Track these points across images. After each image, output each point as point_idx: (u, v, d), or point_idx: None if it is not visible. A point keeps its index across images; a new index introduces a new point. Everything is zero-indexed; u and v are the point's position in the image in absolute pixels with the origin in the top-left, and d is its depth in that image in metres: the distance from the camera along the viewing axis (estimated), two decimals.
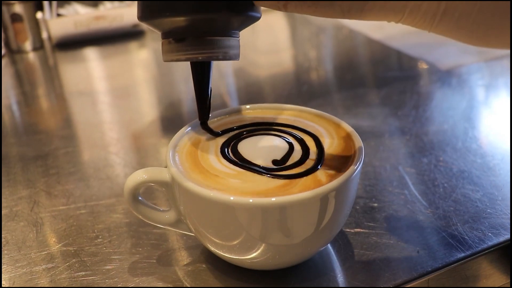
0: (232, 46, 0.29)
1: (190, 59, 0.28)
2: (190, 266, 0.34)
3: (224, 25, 0.28)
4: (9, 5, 0.81)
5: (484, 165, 0.44)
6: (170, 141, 0.32)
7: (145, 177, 0.31)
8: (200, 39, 0.28)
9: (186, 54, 0.28)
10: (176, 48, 0.28)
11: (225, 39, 0.28)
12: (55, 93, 0.72)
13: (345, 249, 0.34)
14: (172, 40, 0.28)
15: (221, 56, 0.28)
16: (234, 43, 0.29)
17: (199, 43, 0.28)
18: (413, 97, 0.59)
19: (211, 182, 0.28)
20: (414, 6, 0.23)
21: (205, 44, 0.28)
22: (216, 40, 0.28)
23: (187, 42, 0.28)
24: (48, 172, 0.47)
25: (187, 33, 0.28)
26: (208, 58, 0.28)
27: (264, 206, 0.26)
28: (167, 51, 0.29)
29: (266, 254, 0.29)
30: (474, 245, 0.34)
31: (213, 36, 0.28)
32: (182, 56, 0.28)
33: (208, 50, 0.28)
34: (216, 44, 0.28)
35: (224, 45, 0.28)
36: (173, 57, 0.29)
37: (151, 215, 0.33)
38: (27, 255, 0.35)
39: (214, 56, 0.28)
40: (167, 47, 0.29)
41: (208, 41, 0.28)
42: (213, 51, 0.28)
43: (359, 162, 0.29)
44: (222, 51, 0.28)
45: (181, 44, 0.28)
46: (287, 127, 0.34)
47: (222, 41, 0.28)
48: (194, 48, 0.28)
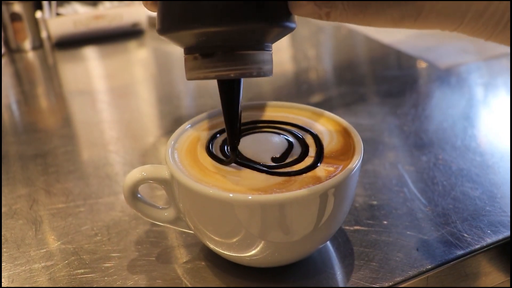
0: (266, 61, 0.25)
1: (221, 76, 0.25)
2: (189, 263, 0.34)
3: (258, 38, 0.25)
4: (9, 4, 0.81)
5: (483, 163, 0.44)
6: (169, 139, 0.32)
7: (144, 175, 0.31)
8: (231, 54, 0.24)
9: (216, 71, 0.25)
10: (204, 64, 0.25)
11: (259, 53, 0.25)
12: (55, 92, 0.72)
13: (345, 247, 0.34)
14: (198, 55, 0.25)
15: (255, 72, 0.25)
16: (268, 58, 0.26)
17: (231, 58, 0.24)
18: (412, 96, 0.59)
19: (210, 179, 0.28)
20: (476, 14, 0.21)
21: (237, 59, 0.24)
22: (249, 54, 0.24)
23: (217, 58, 0.24)
24: (47, 170, 0.47)
25: (217, 47, 0.24)
26: (241, 75, 0.25)
27: (263, 203, 0.26)
28: (193, 68, 0.26)
29: (265, 251, 0.29)
30: (473, 243, 0.34)
31: (246, 50, 0.24)
32: (210, 74, 0.25)
33: (241, 66, 0.24)
34: (249, 59, 0.25)
35: (258, 60, 0.25)
36: (199, 75, 0.25)
37: (150, 213, 0.33)
38: (26, 253, 0.35)
39: (248, 73, 0.25)
40: (192, 63, 0.25)
41: (241, 56, 0.24)
42: (246, 67, 0.25)
43: (358, 159, 0.29)
44: (256, 66, 0.25)
45: (209, 60, 0.25)
46: (286, 125, 0.34)
47: (256, 56, 0.25)
48: (225, 64, 0.24)
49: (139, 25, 0.90)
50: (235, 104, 0.27)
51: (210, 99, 0.65)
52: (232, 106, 0.27)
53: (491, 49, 0.73)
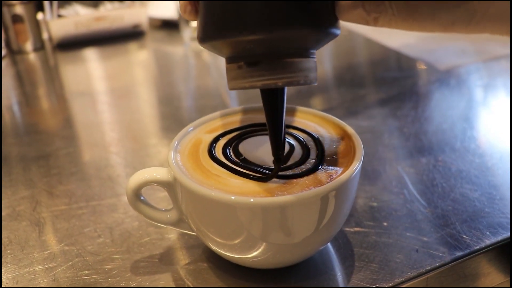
0: (311, 68, 0.25)
1: (268, 85, 0.24)
2: (192, 265, 0.34)
3: (304, 44, 0.24)
4: (10, 6, 0.81)
5: (482, 164, 0.44)
6: (172, 141, 0.32)
7: (147, 177, 0.31)
8: (278, 62, 0.24)
9: (262, 80, 0.24)
10: (249, 73, 0.24)
11: (305, 60, 0.24)
12: (56, 93, 0.72)
13: (345, 248, 0.35)
14: (243, 64, 0.24)
15: (302, 80, 0.24)
16: (313, 65, 0.25)
17: (277, 66, 0.24)
18: (412, 97, 0.60)
19: (213, 182, 0.29)
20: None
21: (284, 67, 0.24)
22: (296, 62, 0.24)
23: (263, 66, 0.24)
24: (49, 172, 0.47)
25: (262, 55, 0.24)
26: (288, 83, 0.24)
27: (264, 206, 0.27)
28: (236, 77, 0.25)
29: (266, 253, 0.30)
30: (472, 244, 0.35)
31: (292, 58, 0.24)
32: (257, 83, 0.24)
33: (288, 74, 0.24)
34: (296, 66, 0.24)
35: (304, 68, 0.24)
36: (245, 84, 0.24)
37: (153, 215, 0.33)
38: (30, 255, 0.36)
39: (295, 81, 0.24)
40: (236, 72, 0.25)
41: (287, 63, 0.24)
42: (293, 75, 0.24)
43: (359, 162, 0.29)
44: (302, 74, 0.24)
45: (255, 69, 0.24)
46: (288, 128, 0.34)
47: (302, 63, 0.24)
48: (272, 73, 0.24)
49: (140, 26, 0.90)
50: (280, 114, 0.27)
51: (211, 100, 0.65)
52: (277, 116, 0.27)
53: (490, 51, 0.73)
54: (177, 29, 0.88)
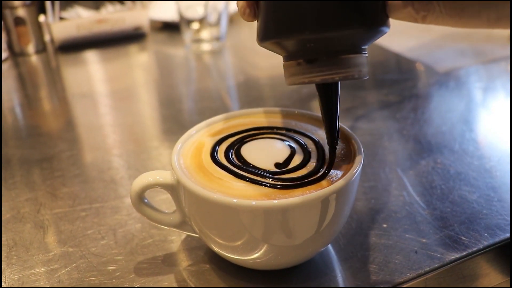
0: (364, 63, 0.27)
1: (326, 80, 0.26)
2: (194, 266, 0.35)
3: (358, 42, 0.26)
4: (12, 8, 0.82)
5: (481, 167, 0.45)
6: (175, 145, 0.33)
7: (151, 180, 0.32)
8: (335, 58, 0.26)
9: (321, 75, 0.26)
10: (309, 69, 0.26)
11: (358, 56, 0.26)
12: (58, 95, 0.73)
13: (345, 250, 0.35)
14: (302, 61, 0.26)
15: (356, 74, 0.26)
16: (365, 60, 0.27)
17: (334, 62, 0.26)
18: (411, 99, 0.60)
19: (215, 185, 0.29)
20: None
21: (340, 63, 0.26)
22: (351, 58, 0.26)
23: (321, 62, 0.26)
24: (53, 174, 0.47)
25: (321, 52, 0.26)
26: (344, 78, 0.26)
27: (266, 208, 0.27)
28: (296, 73, 0.27)
29: (268, 254, 0.30)
30: (470, 245, 0.35)
31: (348, 54, 0.26)
32: (316, 78, 0.26)
33: (344, 69, 0.26)
34: (351, 62, 0.26)
35: (358, 63, 0.26)
36: (304, 80, 0.27)
37: (156, 217, 0.34)
38: (34, 256, 0.36)
39: (350, 76, 0.26)
40: (296, 69, 0.27)
41: (343, 60, 0.26)
42: (349, 70, 0.26)
43: (359, 165, 0.30)
44: (357, 69, 0.26)
45: (314, 65, 0.26)
46: (288, 131, 0.35)
47: (356, 59, 0.26)
48: (330, 68, 0.26)
49: (141, 28, 0.90)
50: (334, 106, 0.29)
51: (212, 102, 0.66)
52: (331, 109, 0.29)
53: (489, 53, 0.74)
54: (178, 31, 0.89)
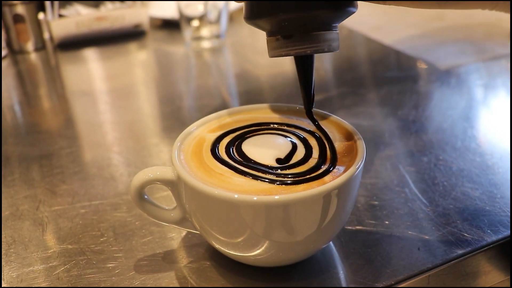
0: (334, 39, 0.31)
1: (299, 53, 0.30)
2: (195, 263, 0.34)
3: (327, 21, 0.30)
4: (11, 6, 0.81)
5: (483, 163, 0.44)
6: (175, 140, 0.33)
7: (151, 176, 0.31)
8: (307, 35, 0.30)
9: (295, 49, 0.30)
10: (285, 44, 0.30)
11: (328, 32, 0.30)
12: (57, 93, 0.73)
13: (347, 246, 0.35)
14: (280, 37, 0.30)
15: (326, 48, 0.30)
16: (335, 36, 0.31)
17: (306, 38, 0.30)
18: (412, 97, 0.60)
19: (216, 181, 0.29)
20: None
21: (311, 39, 0.30)
22: (321, 34, 0.30)
23: (295, 38, 0.30)
24: (52, 171, 0.47)
25: (295, 30, 0.30)
26: (315, 51, 0.30)
27: (267, 204, 0.27)
28: (275, 47, 0.31)
29: (269, 251, 0.30)
30: (473, 242, 0.35)
31: (318, 31, 0.30)
32: (291, 51, 0.30)
33: (315, 44, 0.30)
34: (321, 38, 0.30)
35: (328, 39, 0.30)
36: (281, 52, 0.31)
37: (157, 213, 0.33)
38: (33, 254, 0.36)
39: (320, 49, 0.30)
40: (275, 43, 0.31)
41: (314, 36, 0.30)
42: (319, 45, 0.30)
43: (361, 161, 0.30)
44: (326, 44, 0.30)
45: (289, 41, 0.30)
46: (290, 127, 0.34)
47: (326, 35, 0.30)
48: (302, 43, 0.30)
49: (141, 26, 0.90)
50: (310, 75, 0.33)
51: (212, 100, 0.65)
52: (307, 77, 0.33)
53: (490, 50, 0.74)
54: (178, 28, 0.88)
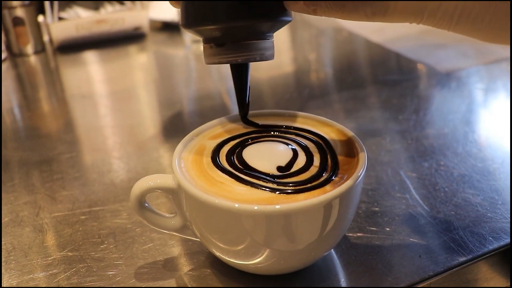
0: (267, 47, 0.31)
1: (231, 61, 0.31)
2: (195, 271, 0.34)
3: (259, 30, 0.30)
4: (11, 8, 0.81)
5: (484, 169, 0.44)
6: (176, 148, 0.32)
7: (152, 184, 0.31)
8: (238, 44, 0.30)
9: (227, 57, 0.31)
10: (218, 52, 0.31)
11: (261, 42, 0.31)
12: (57, 96, 0.73)
13: (348, 254, 0.35)
14: (213, 45, 0.31)
15: (258, 57, 0.31)
16: (268, 45, 0.31)
17: (238, 47, 0.30)
18: (413, 100, 0.60)
19: (217, 189, 0.29)
20: (432, 10, 0.25)
21: (243, 48, 0.30)
22: (252, 43, 0.30)
23: (227, 47, 0.30)
24: (52, 177, 0.47)
25: (227, 38, 0.30)
26: (246, 60, 0.31)
27: (268, 214, 0.27)
28: (209, 54, 0.31)
29: (270, 259, 0.30)
30: (475, 249, 0.35)
31: (250, 40, 0.30)
32: (223, 59, 0.31)
33: (246, 53, 0.30)
34: (252, 47, 0.30)
35: (260, 47, 0.31)
36: (215, 60, 0.31)
37: (157, 221, 0.33)
38: (33, 261, 0.36)
39: (252, 58, 0.31)
40: (209, 51, 0.31)
41: (246, 45, 0.30)
42: (251, 53, 0.30)
43: (362, 169, 0.30)
44: (258, 53, 0.31)
45: (222, 49, 0.30)
46: (291, 134, 0.34)
47: (258, 44, 0.31)
48: (234, 52, 0.30)
49: (140, 29, 0.90)
50: (244, 83, 0.33)
51: (212, 103, 0.65)
52: (242, 85, 0.33)
53: (491, 53, 0.74)
54: (178, 31, 0.88)
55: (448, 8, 0.25)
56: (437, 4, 0.25)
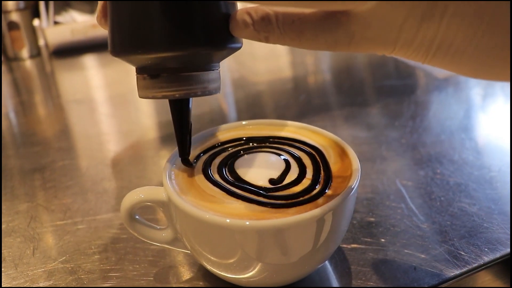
0: (211, 80, 0.26)
1: (167, 96, 0.26)
2: (187, 283, 0.34)
3: (203, 59, 0.26)
4: (6, 13, 0.81)
5: (481, 177, 0.44)
6: (166, 160, 0.32)
7: (142, 197, 0.31)
8: (176, 75, 0.25)
9: (162, 92, 0.26)
10: (152, 84, 0.26)
11: (203, 73, 0.26)
12: (53, 101, 0.72)
13: (342, 266, 0.34)
14: (147, 76, 0.26)
15: (199, 92, 0.26)
16: (213, 76, 0.27)
17: (175, 79, 0.25)
18: (410, 106, 0.59)
19: (208, 203, 0.28)
20: (406, 40, 0.21)
21: (182, 80, 0.25)
22: (193, 75, 0.26)
23: (163, 79, 0.26)
24: (45, 185, 0.47)
25: (162, 69, 0.25)
26: (185, 95, 0.26)
27: (260, 229, 0.26)
28: (142, 87, 0.27)
29: (262, 273, 0.29)
30: (470, 261, 0.34)
31: (191, 72, 0.25)
32: (158, 94, 0.26)
33: (186, 86, 0.26)
34: (193, 79, 0.26)
35: (203, 80, 0.26)
36: (148, 94, 0.26)
37: (148, 234, 0.33)
38: (24, 273, 0.35)
39: (192, 93, 0.26)
40: (142, 82, 0.27)
41: (185, 77, 0.25)
42: (191, 88, 0.26)
43: (355, 181, 0.29)
44: (200, 86, 0.26)
45: (156, 81, 0.26)
46: (284, 145, 0.34)
47: (200, 76, 0.26)
48: (170, 85, 0.26)
49: None
50: (185, 120, 0.29)
51: (209, 108, 0.65)
52: (182, 123, 0.29)
53: None
54: None
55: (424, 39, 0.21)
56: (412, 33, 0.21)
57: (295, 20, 0.23)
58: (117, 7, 0.25)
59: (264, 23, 0.23)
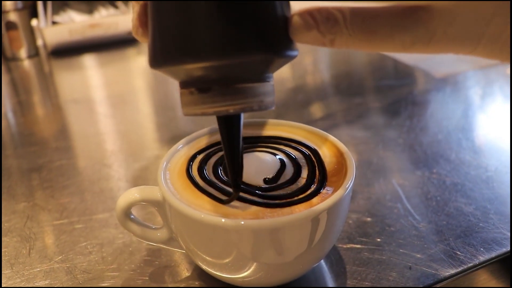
0: (267, 92, 0.23)
1: (219, 112, 0.23)
2: (183, 283, 0.34)
3: (259, 69, 0.23)
4: (4, 13, 0.81)
5: (478, 177, 0.44)
6: (162, 159, 0.32)
7: (137, 196, 0.31)
8: (229, 88, 0.22)
9: (214, 107, 0.22)
10: (201, 99, 0.23)
11: (259, 85, 0.23)
12: (51, 101, 0.72)
13: (337, 266, 0.34)
14: (194, 90, 0.23)
15: (256, 106, 0.23)
16: (269, 89, 0.24)
17: (229, 92, 0.22)
18: (407, 106, 0.59)
19: (202, 202, 0.28)
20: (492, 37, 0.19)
21: (236, 93, 0.22)
22: (249, 87, 0.22)
23: (214, 93, 0.22)
24: (42, 185, 0.47)
25: (214, 82, 0.22)
26: (241, 110, 0.23)
27: (255, 228, 0.26)
28: (189, 103, 0.23)
29: (258, 273, 0.29)
30: (466, 261, 0.34)
31: (246, 83, 0.22)
32: (208, 110, 0.23)
33: (241, 100, 0.22)
34: (249, 92, 0.22)
35: (259, 93, 0.23)
36: (197, 111, 0.23)
37: (143, 233, 0.33)
38: (19, 273, 0.35)
39: (248, 108, 0.23)
40: (189, 98, 0.23)
41: (240, 89, 0.22)
42: (247, 101, 0.22)
43: (350, 180, 0.29)
44: (257, 100, 0.23)
45: (206, 95, 0.22)
46: (280, 144, 0.34)
47: (257, 88, 0.23)
48: (223, 99, 0.22)
49: None
50: (236, 139, 0.25)
51: None
52: (233, 142, 0.25)
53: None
54: None
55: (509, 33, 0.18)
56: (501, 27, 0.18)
57: (365, 19, 0.20)
58: (161, 9, 0.22)
59: (330, 24, 0.20)
